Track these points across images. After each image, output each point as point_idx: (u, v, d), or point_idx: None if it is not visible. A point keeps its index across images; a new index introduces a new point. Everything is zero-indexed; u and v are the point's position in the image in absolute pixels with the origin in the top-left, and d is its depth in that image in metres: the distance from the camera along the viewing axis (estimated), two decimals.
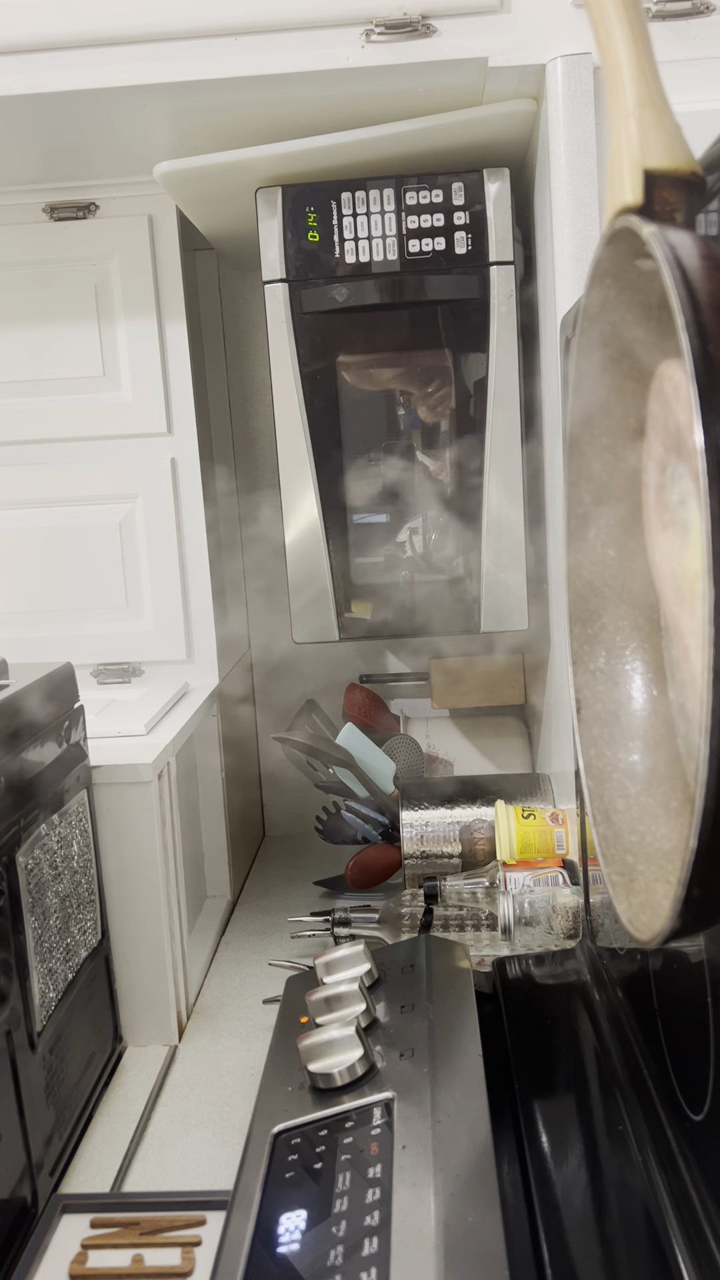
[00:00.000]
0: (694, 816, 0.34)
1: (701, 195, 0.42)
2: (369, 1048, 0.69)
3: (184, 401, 1.28)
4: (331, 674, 1.55)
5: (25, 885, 0.81)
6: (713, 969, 0.52)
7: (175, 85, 0.96)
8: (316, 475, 1.14)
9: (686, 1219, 0.53)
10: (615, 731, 0.51)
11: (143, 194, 1.24)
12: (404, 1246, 0.51)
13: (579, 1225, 0.59)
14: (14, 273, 1.27)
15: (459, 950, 0.84)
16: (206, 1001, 1.12)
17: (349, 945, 0.82)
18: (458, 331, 1.12)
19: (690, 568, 0.43)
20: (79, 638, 1.32)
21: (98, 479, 1.31)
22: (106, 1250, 0.71)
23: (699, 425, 0.32)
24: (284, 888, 1.41)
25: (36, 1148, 0.79)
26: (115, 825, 1.01)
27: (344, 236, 1.09)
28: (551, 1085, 0.73)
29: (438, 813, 1.16)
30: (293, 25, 0.94)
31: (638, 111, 0.42)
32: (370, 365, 1.15)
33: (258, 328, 1.49)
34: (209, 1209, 0.73)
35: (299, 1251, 0.54)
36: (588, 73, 0.93)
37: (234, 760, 1.42)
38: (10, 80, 0.96)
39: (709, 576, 0.32)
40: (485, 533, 1.13)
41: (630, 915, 0.44)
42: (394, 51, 0.94)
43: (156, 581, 1.32)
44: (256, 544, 1.55)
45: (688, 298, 0.34)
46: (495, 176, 1.07)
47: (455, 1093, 0.64)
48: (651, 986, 0.64)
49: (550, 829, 1.05)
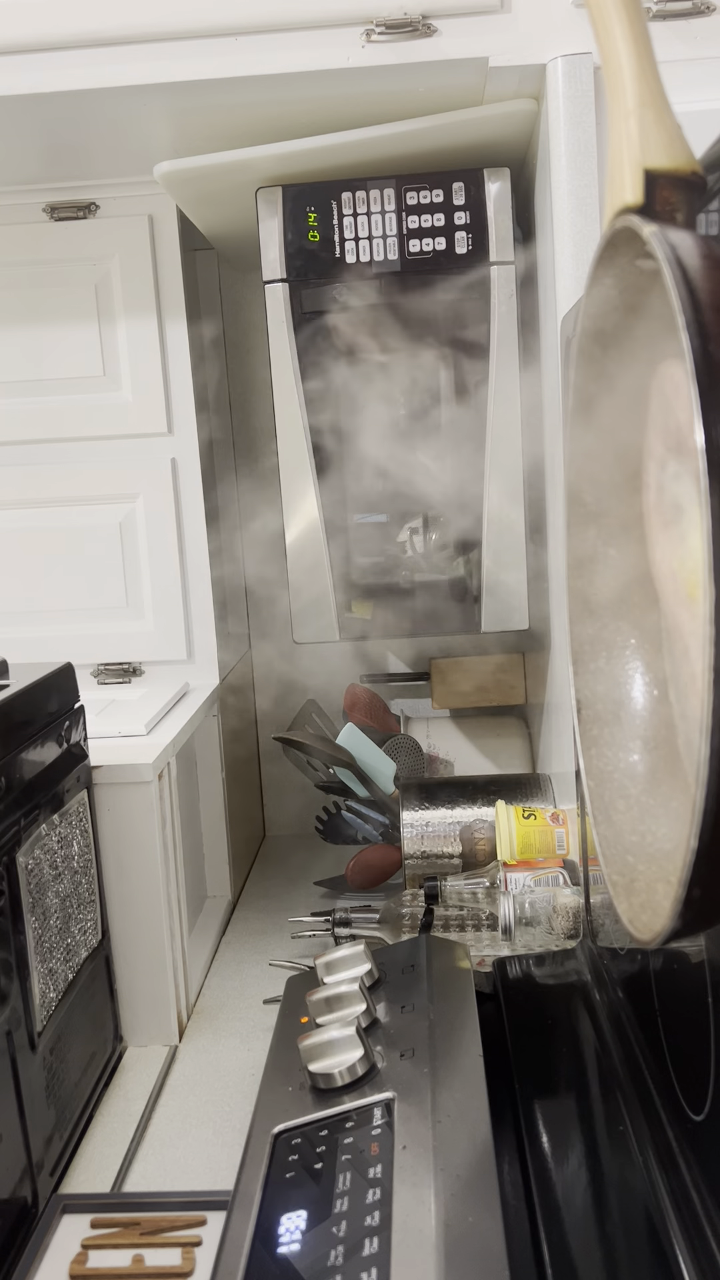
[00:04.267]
0: (694, 817, 0.34)
1: (702, 195, 0.42)
2: (369, 1048, 0.69)
3: (184, 401, 1.28)
4: (331, 674, 1.55)
5: (25, 885, 0.81)
6: (713, 969, 0.52)
7: (175, 85, 0.96)
8: (317, 475, 1.14)
9: (687, 1219, 0.53)
10: (616, 731, 0.51)
11: (143, 194, 1.24)
12: (404, 1247, 0.51)
13: (579, 1225, 0.59)
14: (14, 273, 1.27)
15: (459, 950, 0.83)
16: (207, 1001, 1.12)
17: (349, 945, 0.82)
18: (458, 331, 1.12)
19: (690, 567, 0.43)
20: (79, 638, 1.32)
21: (98, 479, 1.31)
22: (107, 1250, 0.71)
23: (699, 425, 0.32)
24: (284, 888, 1.41)
25: (37, 1148, 0.79)
26: (115, 825, 1.01)
27: (344, 236, 1.09)
28: (552, 1085, 0.73)
29: (438, 813, 1.16)
30: (293, 25, 0.94)
31: (638, 111, 0.42)
32: (371, 365, 1.14)
33: (258, 328, 1.49)
34: (209, 1209, 0.73)
35: (299, 1252, 0.54)
36: (588, 72, 0.93)
37: (234, 760, 1.42)
38: (10, 80, 0.96)
39: (709, 576, 0.32)
40: (485, 533, 1.13)
41: (631, 915, 0.44)
42: (394, 51, 0.94)
43: (156, 581, 1.32)
44: (257, 544, 1.55)
45: (688, 297, 0.34)
46: (496, 176, 1.07)
47: (456, 1093, 0.64)
48: (652, 987, 0.64)
49: (551, 829, 1.05)
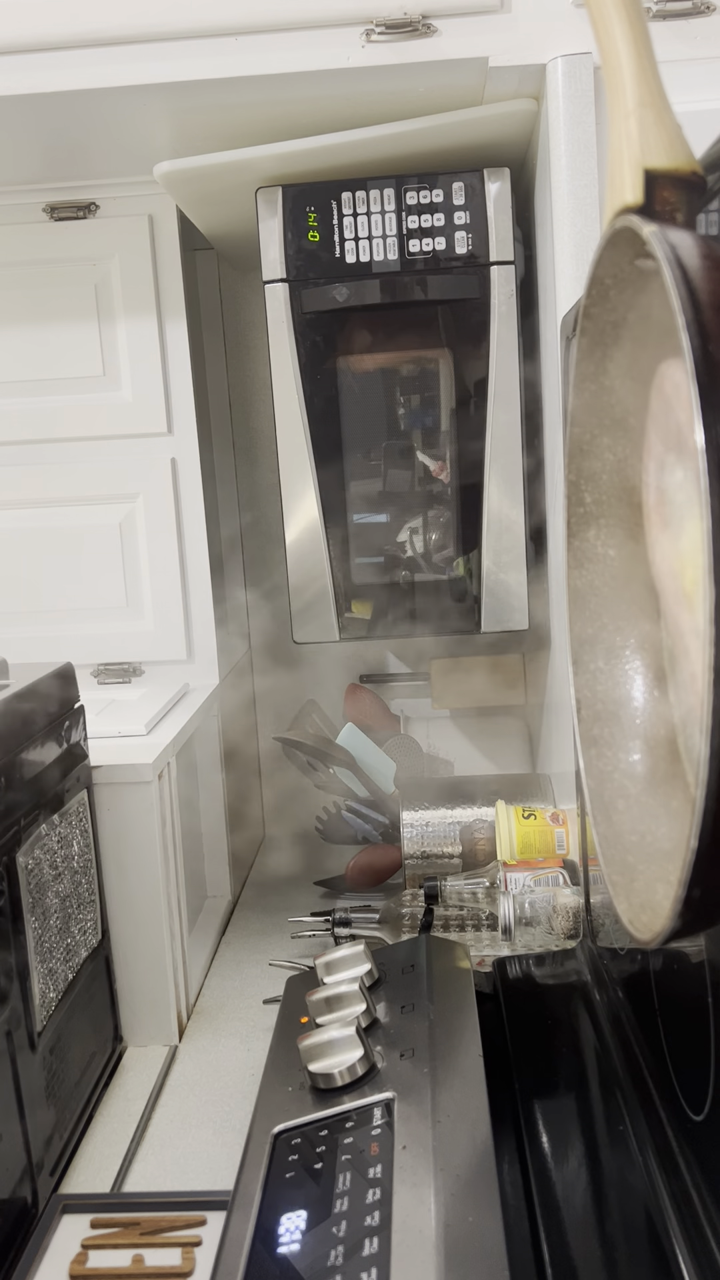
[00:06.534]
0: (694, 817, 0.34)
1: (702, 195, 0.42)
2: (369, 1048, 0.69)
3: (184, 401, 1.28)
4: (331, 674, 1.55)
5: (25, 885, 0.81)
6: (713, 969, 0.52)
7: (175, 85, 0.96)
8: (317, 475, 1.14)
9: (686, 1219, 0.53)
10: (615, 731, 0.51)
11: (143, 194, 1.24)
12: (404, 1247, 0.51)
13: (579, 1225, 0.59)
14: (14, 273, 1.27)
15: (459, 950, 0.83)
16: (207, 1001, 1.12)
17: (349, 945, 0.82)
18: (458, 331, 1.12)
19: (690, 567, 0.43)
20: (79, 638, 1.32)
21: (98, 479, 1.31)
22: (107, 1250, 0.71)
23: (699, 424, 0.32)
24: (284, 888, 1.41)
25: (37, 1148, 0.79)
26: (115, 825, 1.01)
27: (344, 236, 1.09)
28: (552, 1085, 0.73)
29: (438, 813, 1.16)
30: (293, 25, 0.94)
31: (638, 111, 0.42)
32: (371, 365, 1.15)
33: (258, 328, 1.49)
34: (209, 1209, 0.73)
35: (299, 1252, 0.54)
36: (588, 72, 0.93)
37: (234, 760, 1.42)
38: (10, 80, 0.96)
39: (709, 576, 0.32)
40: (485, 533, 1.13)
41: (631, 915, 0.44)
42: (394, 51, 0.94)
43: (156, 581, 1.32)
44: (256, 544, 1.55)
45: (688, 297, 0.34)
46: (495, 176, 1.07)
47: (455, 1093, 0.64)
48: (652, 987, 0.64)
49: (551, 829, 1.05)
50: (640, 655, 0.51)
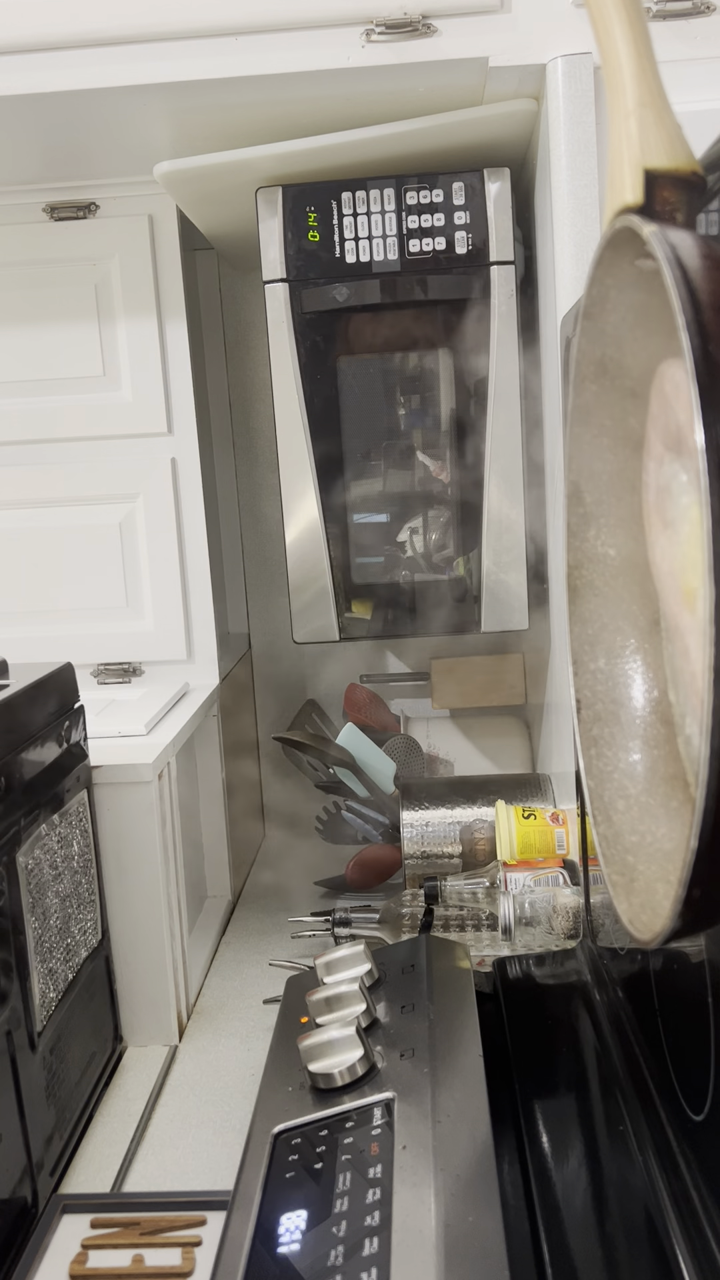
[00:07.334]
0: (695, 817, 0.34)
1: (702, 195, 0.42)
2: (369, 1048, 0.69)
3: (184, 401, 1.28)
4: (331, 674, 1.55)
5: (25, 885, 0.81)
6: (713, 969, 0.52)
7: (175, 85, 0.96)
8: (317, 475, 1.14)
9: (687, 1219, 0.53)
10: (615, 731, 0.51)
11: (143, 194, 1.24)
12: (404, 1247, 0.51)
13: (579, 1225, 0.59)
14: (14, 273, 1.27)
15: (459, 950, 0.83)
16: (207, 1001, 1.12)
17: (349, 945, 0.82)
18: (458, 331, 1.12)
19: (690, 567, 0.43)
20: (79, 638, 1.32)
21: (98, 479, 1.31)
22: (107, 1250, 0.71)
23: (699, 424, 0.32)
24: (284, 888, 1.41)
25: (37, 1148, 0.79)
26: (115, 825, 1.01)
27: (344, 236, 1.09)
28: (552, 1085, 0.73)
29: (438, 813, 1.16)
30: (293, 25, 0.94)
31: (638, 111, 0.42)
32: (371, 365, 1.15)
33: (258, 328, 1.49)
34: (209, 1209, 0.73)
35: (299, 1252, 0.54)
36: (588, 72, 0.93)
37: (234, 760, 1.42)
38: (10, 80, 0.96)
39: (709, 576, 0.32)
40: (485, 533, 1.13)
41: (631, 915, 0.44)
42: (394, 51, 0.94)
43: (156, 581, 1.32)
44: (256, 544, 1.55)
45: (688, 297, 0.34)
46: (496, 176, 1.07)
47: (455, 1093, 0.64)
48: (652, 986, 0.64)
49: (551, 829, 1.05)
50: (640, 655, 0.51)
